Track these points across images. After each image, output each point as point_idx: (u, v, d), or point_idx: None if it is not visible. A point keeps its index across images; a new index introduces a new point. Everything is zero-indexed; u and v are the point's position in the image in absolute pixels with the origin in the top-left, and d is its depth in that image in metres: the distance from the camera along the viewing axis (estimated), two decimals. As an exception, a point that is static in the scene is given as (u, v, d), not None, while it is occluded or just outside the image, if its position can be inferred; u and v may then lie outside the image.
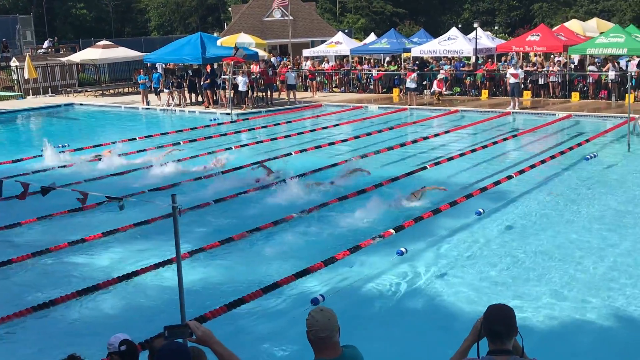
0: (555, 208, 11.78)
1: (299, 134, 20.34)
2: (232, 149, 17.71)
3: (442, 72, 29.37)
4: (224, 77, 26.55)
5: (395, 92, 30.27)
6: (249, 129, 22.05)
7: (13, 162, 16.47)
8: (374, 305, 7.96)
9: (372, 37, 39.76)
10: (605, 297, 7.94)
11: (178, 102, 28.31)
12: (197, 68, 28.94)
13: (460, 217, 11.18)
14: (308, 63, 34.38)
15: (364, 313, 7.77)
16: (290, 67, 31.77)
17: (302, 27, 47.43)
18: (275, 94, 29.53)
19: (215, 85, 27.51)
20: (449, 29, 33.90)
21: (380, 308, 7.90)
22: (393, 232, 10.08)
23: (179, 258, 5.02)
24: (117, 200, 5.41)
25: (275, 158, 16.09)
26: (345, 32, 44.65)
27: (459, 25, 44.65)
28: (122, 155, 16.78)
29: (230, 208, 12.27)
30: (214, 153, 17.05)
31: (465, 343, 3.90)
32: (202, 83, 27.82)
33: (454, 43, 30.45)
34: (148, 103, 29.00)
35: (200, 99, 28.92)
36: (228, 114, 24.59)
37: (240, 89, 26.58)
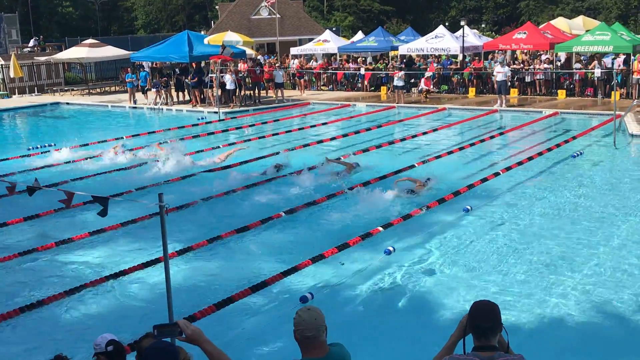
0: (543, 205, 11.84)
1: (287, 132, 20.34)
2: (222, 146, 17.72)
3: (429, 68, 29.45)
4: (212, 75, 26.48)
5: (383, 90, 30.31)
6: (237, 128, 22.00)
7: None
8: (362, 303, 7.96)
9: (359, 35, 39.78)
10: (592, 293, 8.00)
11: (165, 100, 28.20)
12: (184, 66, 28.84)
13: (448, 214, 11.22)
14: (296, 61, 34.34)
15: (352, 311, 7.78)
16: (278, 65, 31.75)
17: (289, 25, 47.37)
18: (263, 92, 29.48)
19: (203, 84, 27.43)
20: (436, 27, 34.00)
21: (368, 306, 7.91)
22: (381, 229, 10.11)
23: (167, 257, 5.00)
24: (103, 201, 5.38)
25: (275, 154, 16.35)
26: (333, 30, 44.65)
27: (446, 23, 44.82)
28: (129, 151, 17.15)
29: (230, 206, 12.29)
30: (219, 148, 17.53)
31: (452, 339, 3.92)
32: (189, 81, 27.73)
33: (441, 41, 30.53)
34: (135, 102, 28.88)
35: (188, 98, 28.83)
36: (215, 113, 24.53)
37: (228, 88, 26.52)
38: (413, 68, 30.33)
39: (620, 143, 16.99)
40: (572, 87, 27.05)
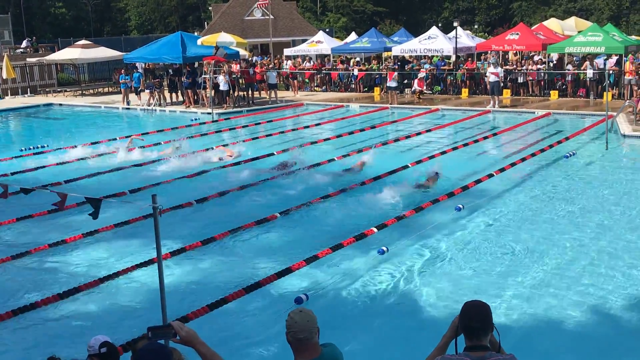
0: (535, 206, 11.89)
1: (281, 133, 20.34)
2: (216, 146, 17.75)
3: (422, 70, 29.50)
4: (205, 76, 26.45)
5: (377, 91, 30.35)
6: (231, 128, 21.99)
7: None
8: (355, 304, 7.97)
9: (353, 36, 39.81)
10: (585, 293, 8.03)
11: (158, 101, 28.15)
12: (177, 67, 28.79)
13: (441, 215, 11.24)
14: (289, 62, 34.35)
15: (346, 311, 7.79)
16: (272, 66, 31.73)
17: (283, 26, 47.37)
18: (256, 93, 29.46)
19: (196, 85, 27.40)
20: (429, 28, 34.06)
21: (361, 306, 7.92)
22: (375, 230, 10.13)
23: (160, 258, 5.00)
24: (96, 202, 5.38)
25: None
26: (326, 31, 44.65)
27: (439, 24, 44.88)
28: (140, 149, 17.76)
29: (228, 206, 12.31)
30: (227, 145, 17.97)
31: (444, 339, 3.94)
32: (182, 82, 27.69)
33: (434, 42, 30.58)
34: (128, 103, 28.82)
35: (181, 99, 28.79)
36: (209, 114, 24.50)
37: (221, 89, 26.51)
38: (406, 69, 30.38)
39: (613, 143, 17.07)
40: (564, 87, 27.15)
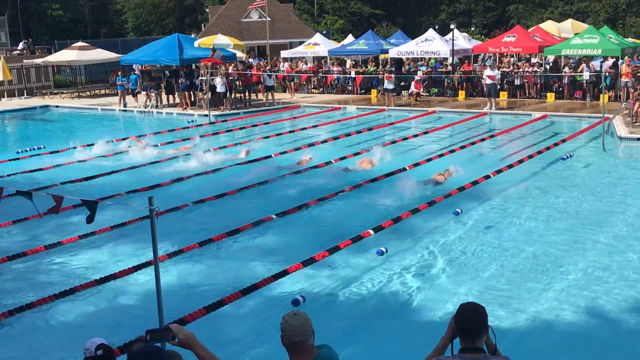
0: (533, 208, 11.89)
1: (278, 135, 20.34)
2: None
3: (419, 73, 29.54)
4: (202, 78, 26.44)
5: (373, 93, 30.38)
6: (228, 130, 21.97)
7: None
8: (353, 305, 7.97)
9: (349, 38, 39.86)
10: (581, 295, 8.03)
11: (155, 103, 28.13)
12: (174, 69, 28.78)
13: (439, 216, 11.24)
14: (286, 64, 34.36)
15: (344, 313, 7.78)
16: (269, 68, 31.73)
17: (279, 28, 47.40)
18: (253, 95, 29.46)
19: (193, 87, 27.38)
20: (426, 30, 34.13)
21: (360, 307, 7.91)
22: (372, 232, 10.12)
23: (157, 260, 4.99)
24: (92, 205, 5.36)
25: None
26: (323, 33, 44.72)
27: (436, 27, 44.94)
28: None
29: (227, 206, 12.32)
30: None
31: (442, 341, 3.94)
32: (179, 84, 27.67)
33: (431, 44, 30.66)
34: (125, 105, 28.79)
35: (178, 101, 28.76)
36: (206, 116, 24.49)
37: (218, 90, 26.50)
38: (402, 72, 30.41)
39: (609, 145, 17.10)
40: (561, 90, 27.20)
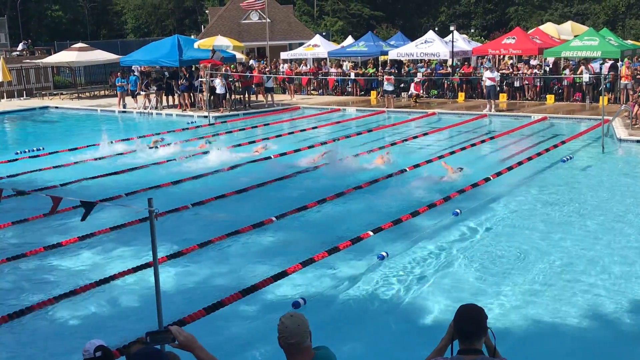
0: (532, 209, 11.89)
1: (278, 137, 20.33)
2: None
3: (419, 75, 29.55)
4: (201, 79, 26.45)
5: (373, 94, 30.39)
6: (227, 132, 21.97)
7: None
8: (354, 308, 7.95)
9: (349, 39, 39.87)
10: (581, 297, 8.02)
11: (155, 104, 28.13)
12: (173, 70, 28.78)
13: (438, 219, 11.24)
14: (285, 66, 34.37)
15: (344, 315, 7.76)
16: (268, 69, 31.75)
17: (279, 29, 47.43)
18: (253, 97, 29.47)
19: (193, 88, 27.38)
20: (426, 32, 34.15)
21: (361, 310, 7.89)
22: (371, 234, 10.12)
23: (156, 262, 4.99)
24: (91, 205, 5.36)
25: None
26: (323, 34, 44.76)
27: (436, 28, 44.97)
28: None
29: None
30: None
31: (442, 342, 3.94)
32: (179, 85, 27.67)
33: (431, 46, 30.67)
34: (125, 106, 28.79)
35: (177, 102, 28.75)
36: (205, 117, 24.50)
37: (218, 92, 26.50)
38: (401, 74, 30.42)
39: (609, 148, 17.11)
40: (560, 92, 27.21)
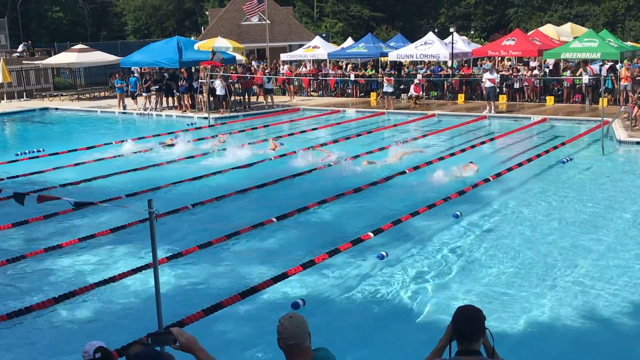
0: (532, 211, 11.89)
1: (278, 138, 20.34)
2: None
3: (418, 77, 29.57)
4: (201, 81, 26.46)
5: (373, 96, 30.40)
6: (227, 133, 21.97)
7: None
8: (354, 309, 7.95)
9: (349, 41, 39.88)
10: (580, 298, 8.03)
11: (154, 106, 28.14)
12: (173, 72, 28.78)
13: (438, 220, 11.25)
14: (285, 67, 34.39)
15: (344, 316, 7.77)
16: (268, 71, 31.75)
17: (279, 31, 47.46)
18: (253, 98, 29.49)
19: (193, 89, 27.40)
20: (426, 34, 34.17)
21: (360, 312, 7.90)
22: (372, 235, 10.13)
23: (156, 263, 4.99)
24: (88, 206, 5.37)
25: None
26: (323, 36, 44.78)
27: (435, 30, 45.00)
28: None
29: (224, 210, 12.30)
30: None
31: (440, 343, 3.95)
32: (179, 87, 27.68)
33: (431, 47, 30.68)
34: (124, 107, 28.80)
35: (177, 103, 28.75)
36: (205, 118, 24.51)
37: (218, 93, 26.51)
38: (401, 75, 30.43)
39: (609, 149, 17.12)
40: (560, 93, 27.23)
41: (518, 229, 10.84)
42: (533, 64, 28.93)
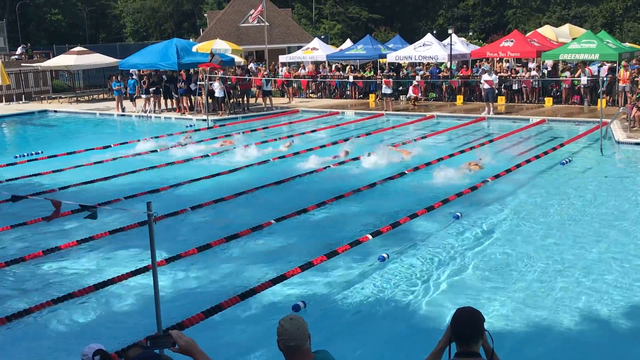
0: (531, 212, 11.89)
1: (276, 140, 20.35)
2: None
3: (417, 78, 29.58)
4: (200, 83, 26.46)
5: (372, 97, 30.41)
6: (226, 135, 21.97)
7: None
8: (354, 311, 7.94)
9: (348, 43, 39.89)
10: (579, 300, 8.02)
11: (153, 108, 28.13)
12: (171, 74, 28.77)
13: (438, 221, 11.25)
14: (284, 69, 34.40)
15: (344, 318, 7.76)
16: (267, 72, 31.74)
17: (278, 33, 47.46)
18: (252, 100, 29.48)
19: (191, 92, 27.40)
20: (424, 35, 34.19)
21: (360, 313, 7.89)
22: (370, 237, 10.12)
23: (155, 265, 4.98)
24: (90, 209, 5.36)
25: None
26: (322, 38, 44.79)
27: (434, 31, 45.05)
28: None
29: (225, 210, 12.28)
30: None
31: (439, 345, 3.94)
32: (178, 89, 27.67)
33: (429, 49, 30.69)
34: (123, 109, 28.79)
35: (174, 105, 28.73)
36: (204, 120, 24.51)
37: (217, 95, 26.51)
38: (400, 77, 30.44)
39: (607, 150, 17.12)
40: (558, 94, 27.24)
41: (517, 231, 10.83)
42: (531, 65, 28.94)
